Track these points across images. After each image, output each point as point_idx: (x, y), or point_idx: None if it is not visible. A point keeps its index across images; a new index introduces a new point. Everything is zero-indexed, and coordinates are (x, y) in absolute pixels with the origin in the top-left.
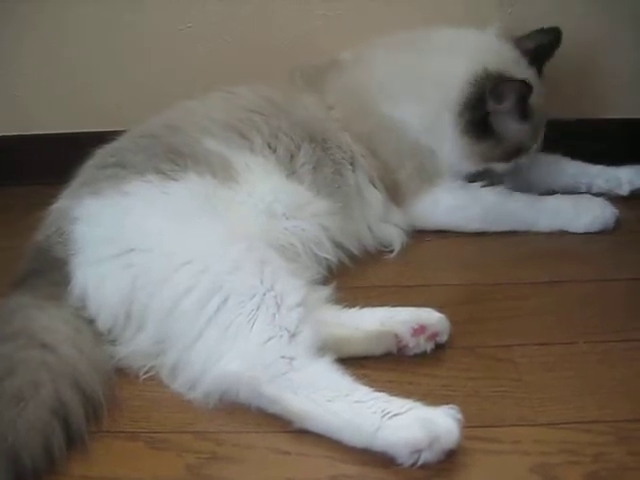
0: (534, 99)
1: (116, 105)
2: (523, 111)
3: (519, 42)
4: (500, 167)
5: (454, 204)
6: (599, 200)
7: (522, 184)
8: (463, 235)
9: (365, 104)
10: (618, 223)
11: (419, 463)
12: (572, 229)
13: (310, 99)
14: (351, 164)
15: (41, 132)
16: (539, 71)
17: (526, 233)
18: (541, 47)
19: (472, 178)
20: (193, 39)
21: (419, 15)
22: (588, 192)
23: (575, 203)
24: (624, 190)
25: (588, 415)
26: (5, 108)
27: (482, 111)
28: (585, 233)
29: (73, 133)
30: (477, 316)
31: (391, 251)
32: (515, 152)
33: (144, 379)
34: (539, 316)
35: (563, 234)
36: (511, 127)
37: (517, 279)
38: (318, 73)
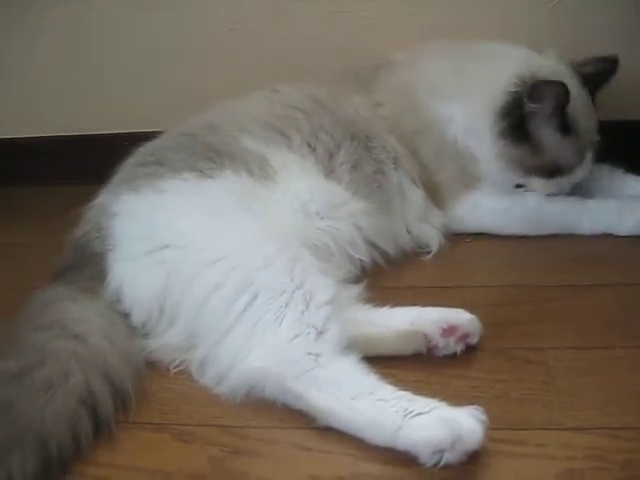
0: (579, 117)
1: (153, 107)
2: (563, 121)
3: (576, 66)
4: (540, 185)
5: (495, 207)
6: None
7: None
8: (503, 237)
9: (414, 101)
10: None
11: (441, 463)
12: (616, 232)
13: (358, 98)
14: (394, 164)
15: (83, 133)
16: (592, 96)
17: (569, 236)
18: (597, 74)
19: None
20: (235, 41)
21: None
22: None
23: (619, 205)
24: None
25: (618, 421)
26: (48, 110)
27: (520, 112)
28: (629, 236)
29: (113, 134)
30: (512, 318)
31: (428, 252)
32: (554, 168)
33: (174, 373)
34: (576, 319)
35: (607, 237)
36: (549, 136)
37: (556, 282)
38: (369, 72)
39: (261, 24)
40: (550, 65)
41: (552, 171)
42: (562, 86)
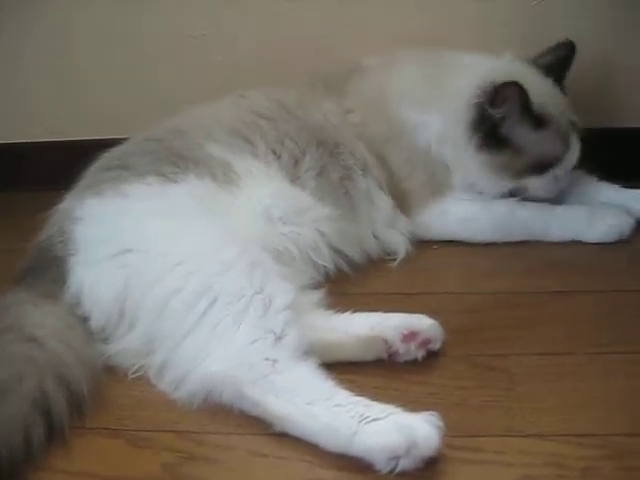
0: (549, 107)
1: (125, 112)
2: (533, 117)
3: (535, 60)
4: (537, 183)
5: (464, 215)
6: (614, 209)
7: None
8: (471, 244)
9: (384, 108)
10: (634, 232)
11: (397, 470)
12: (586, 239)
13: (328, 103)
14: (362, 170)
15: (50, 139)
16: (560, 83)
17: (538, 243)
18: (556, 60)
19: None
20: (207, 46)
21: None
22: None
23: (589, 212)
24: None
25: (581, 428)
26: (15, 116)
27: (489, 122)
28: (600, 243)
29: (82, 140)
30: (476, 325)
31: (395, 259)
32: (543, 163)
33: (133, 378)
34: (541, 326)
35: (576, 244)
36: (525, 135)
37: (522, 288)
38: (339, 78)
39: (232, 29)
40: (505, 67)
41: (542, 166)
42: (516, 85)
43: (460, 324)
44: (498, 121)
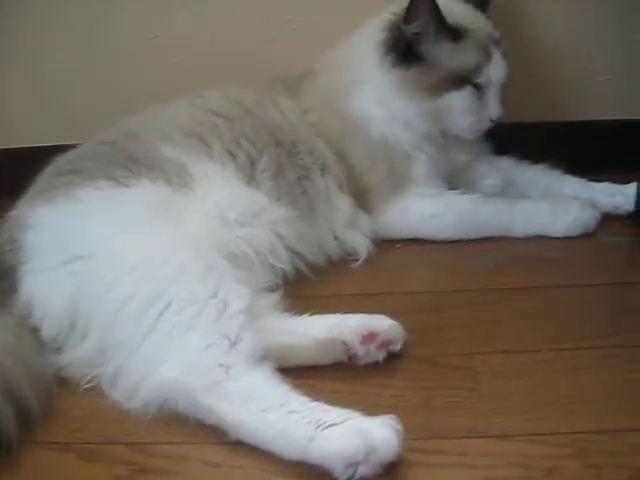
0: (465, 21)
1: (82, 116)
2: (447, 29)
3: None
4: (456, 100)
5: (426, 212)
6: (578, 202)
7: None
8: (434, 242)
9: (335, 106)
10: (599, 226)
11: (356, 477)
12: (550, 233)
13: (287, 103)
14: (321, 169)
15: (21, 146)
16: (483, 9)
17: (503, 239)
18: None
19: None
20: (162, 48)
21: None
22: None
23: (553, 205)
24: (629, 205)
25: (546, 427)
26: None
27: (404, 40)
28: (565, 237)
29: (41, 146)
30: (439, 324)
31: (356, 259)
32: (460, 75)
33: (85, 389)
34: (506, 323)
35: (542, 239)
36: (441, 48)
37: (486, 285)
38: (296, 79)
39: (185, 30)
40: None
41: (460, 78)
42: None
43: (423, 324)
44: (413, 38)
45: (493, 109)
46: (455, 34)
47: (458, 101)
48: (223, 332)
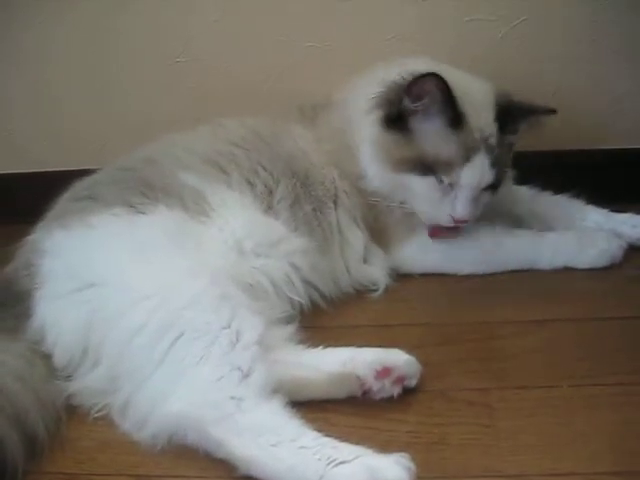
0: (469, 113)
1: (98, 141)
2: (451, 112)
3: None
4: (415, 184)
5: (445, 248)
6: (604, 233)
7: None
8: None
9: (350, 143)
10: (625, 257)
11: None
12: (577, 265)
13: (301, 131)
14: (333, 202)
15: (36, 170)
16: (507, 124)
17: (523, 271)
18: (518, 104)
19: None
20: (181, 73)
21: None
22: None
23: (579, 237)
24: None
25: (564, 467)
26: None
27: (399, 106)
28: (590, 269)
29: (59, 171)
30: (456, 357)
31: (375, 290)
32: (427, 162)
33: (94, 418)
34: (524, 357)
35: (565, 270)
36: (430, 126)
37: (505, 318)
38: (313, 108)
39: (207, 56)
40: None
41: (427, 164)
42: (438, 77)
43: (439, 356)
44: (409, 112)
45: (457, 210)
46: (455, 122)
47: (416, 186)
48: (235, 364)
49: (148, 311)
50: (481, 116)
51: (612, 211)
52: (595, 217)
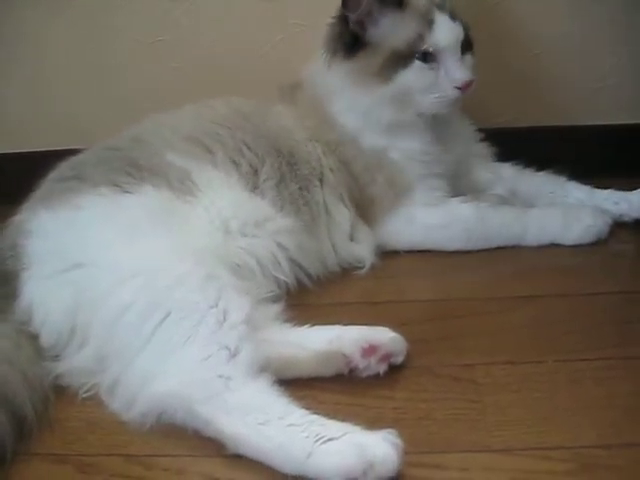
0: None
1: (92, 121)
2: (387, 1)
3: None
4: (409, 79)
5: (431, 223)
6: (589, 208)
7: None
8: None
9: (325, 117)
10: (610, 233)
11: None
12: (563, 241)
13: (283, 109)
14: (319, 180)
15: (23, 150)
16: None
17: (509, 248)
18: None
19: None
20: (164, 53)
21: None
22: None
23: (564, 213)
24: (635, 213)
25: (549, 440)
26: None
27: (345, 32)
28: (577, 245)
29: (45, 151)
30: (442, 334)
31: (361, 267)
32: (404, 50)
33: (83, 399)
34: (509, 333)
35: (551, 247)
36: (382, 25)
37: (491, 294)
38: (291, 87)
39: (187, 35)
40: None
41: (403, 56)
42: None
43: (426, 333)
44: (356, 27)
45: (455, 74)
46: (398, 2)
47: (409, 79)
48: (223, 343)
49: (135, 290)
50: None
51: (594, 187)
52: (577, 194)
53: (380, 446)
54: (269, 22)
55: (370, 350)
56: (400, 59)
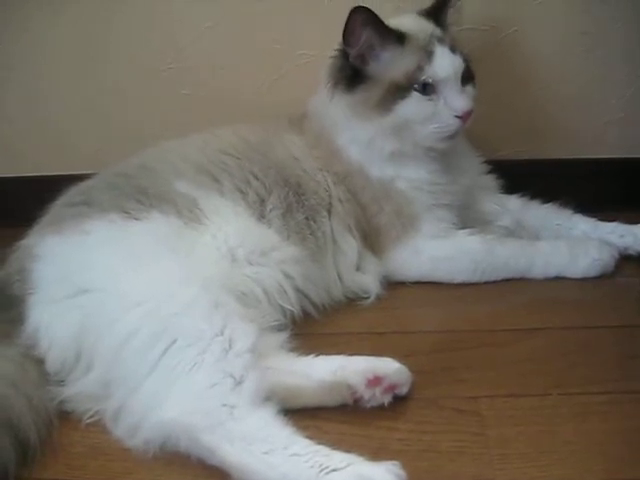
0: (407, 26)
1: (100, 147)
2: (390, 35)
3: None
4: (408, 110)
5: (438, 254)
6: (596, 242)
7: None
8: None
9: (332, 148)
10: (617, 267)
11: None
12: (569, 274)
13: (292, 138)
14: (327, 210)
15: (30, 174)
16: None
17: (516, 279)
18: (436, 4)
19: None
20: (174, 80)
21: None
22: None
23: (571, 246)
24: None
25: (553, 474)
26: None
27: (346, 65)
28: (583, 278)
29: (54, 175)
30: (446, 365)
31: (367, 298)
32: (403, 81)
33: (87, 424)
34: (514, 365)
35: (558, 279)
36: (383, 59)
37: (497, 326)
38: (300, 117)
39: (199, 63)
40: None
41: (402, 87)
42: (361, 7)
43: (431, 365)
44: (356, 61)
45: (454, 104)
46: (399, 37)
47: (408, 110)
48: (228, 371)
49: (141, 317)
50: (416, 23)
51: (599, 220)
52: (583, 226)
53: (384, 477)
54: (278, 52)
55: (375, 381)
56: (399, 91)
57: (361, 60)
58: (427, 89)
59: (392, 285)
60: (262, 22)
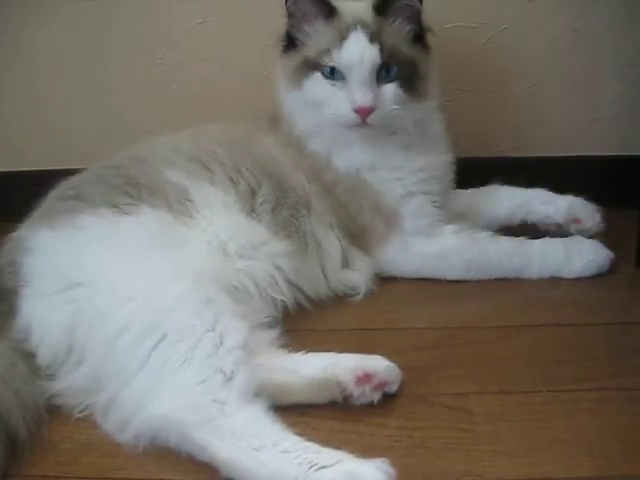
0: (343, 6)
1: (92, 141)
2: (319, 4)
3: None
4: (309, 88)
5: (427, 252)
6: (591, 242)
7: (462, 219)
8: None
9: (299, 146)
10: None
11: None
12: (564, 274)
13: (269, 139)
14: (306, 208)
15: (23, 169)
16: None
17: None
18: None
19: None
20: (166, 75)
21: None
22: (526, 218)
23: (566, 246)
24: (561, 216)
25: (542, 471)
26: None
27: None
28: (578, 278)
29: (46, 170)
30: (436, 362)
31: (357, 294)
32: (312, 59)
33: (77, 419)
34: (504, 362)
35: (551, 278)
36: (308, 29)
37: (487, 323)
38: (278, 114)
39: (190, 58)
40: None
41: (311, 65)
42: None
43: (420, 361)
44: (291, 23)
45: (352, 96)
46: (329, 13)
47: (310, 89)
48: (218, 367)
49: (132, 312)
50: (356, 6)
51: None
52: (507, 193)
53: (373, 475)
54: (267, 47)
55: (364, 378)
56: (309, 67)
57: (295, 28)
58: (335, 74)
59: (382, 281)
60: (253, 18)
